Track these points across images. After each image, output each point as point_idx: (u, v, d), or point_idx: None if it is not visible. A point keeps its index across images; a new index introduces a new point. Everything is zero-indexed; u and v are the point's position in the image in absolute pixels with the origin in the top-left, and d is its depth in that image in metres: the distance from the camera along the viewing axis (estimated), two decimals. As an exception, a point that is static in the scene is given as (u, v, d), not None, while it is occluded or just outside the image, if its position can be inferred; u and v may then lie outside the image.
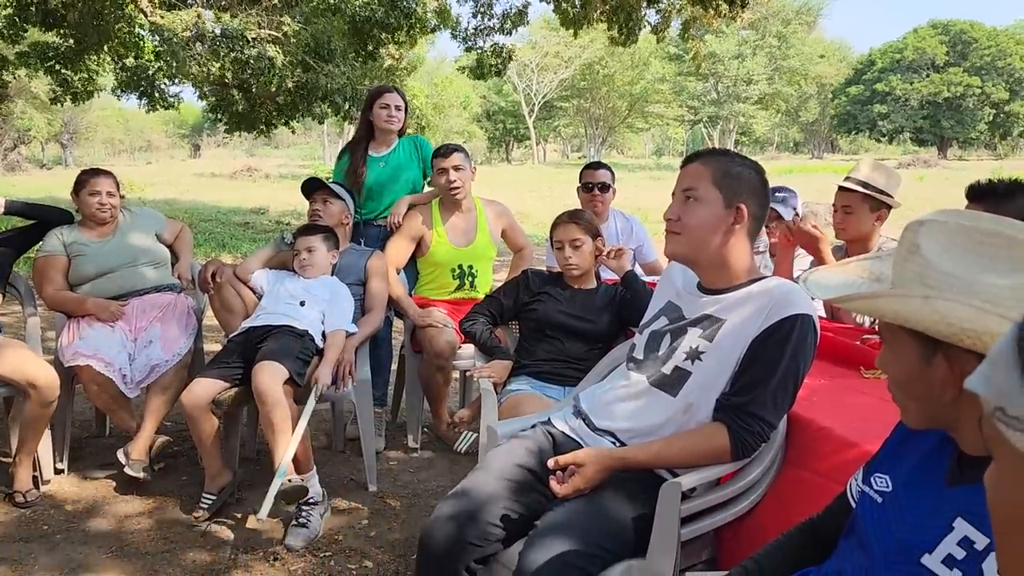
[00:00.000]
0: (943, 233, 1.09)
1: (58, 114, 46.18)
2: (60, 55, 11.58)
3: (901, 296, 1.07)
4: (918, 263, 1.09)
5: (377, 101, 4.05)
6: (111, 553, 2.83)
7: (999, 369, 0.64)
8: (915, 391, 1.12)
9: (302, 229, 3.53)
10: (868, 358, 2.41)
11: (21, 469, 3.23)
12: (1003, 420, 0.63)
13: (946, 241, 1.09)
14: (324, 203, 3.65)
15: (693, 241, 1.95)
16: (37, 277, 3.54)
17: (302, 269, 3.43)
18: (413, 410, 3.90)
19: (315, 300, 3.34)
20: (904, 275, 1.11)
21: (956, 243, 1.08)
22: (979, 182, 2.44)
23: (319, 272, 3.44)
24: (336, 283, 3.47)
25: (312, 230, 3.50)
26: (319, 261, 3.43)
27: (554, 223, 3.18)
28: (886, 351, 1.18)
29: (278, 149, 71.31)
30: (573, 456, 1.93)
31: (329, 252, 3.47)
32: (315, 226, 3.54)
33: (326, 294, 3.39)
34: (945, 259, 1.07)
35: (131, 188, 19.42)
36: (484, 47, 11.85)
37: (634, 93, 51.28)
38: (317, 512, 3.00)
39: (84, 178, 3.61)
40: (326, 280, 3.46)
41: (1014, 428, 0.63)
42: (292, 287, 3.40)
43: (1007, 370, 0.63)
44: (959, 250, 1.07)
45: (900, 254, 1.13)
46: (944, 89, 51.46)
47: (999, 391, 0.63)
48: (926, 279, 1.07)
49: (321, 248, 3.44)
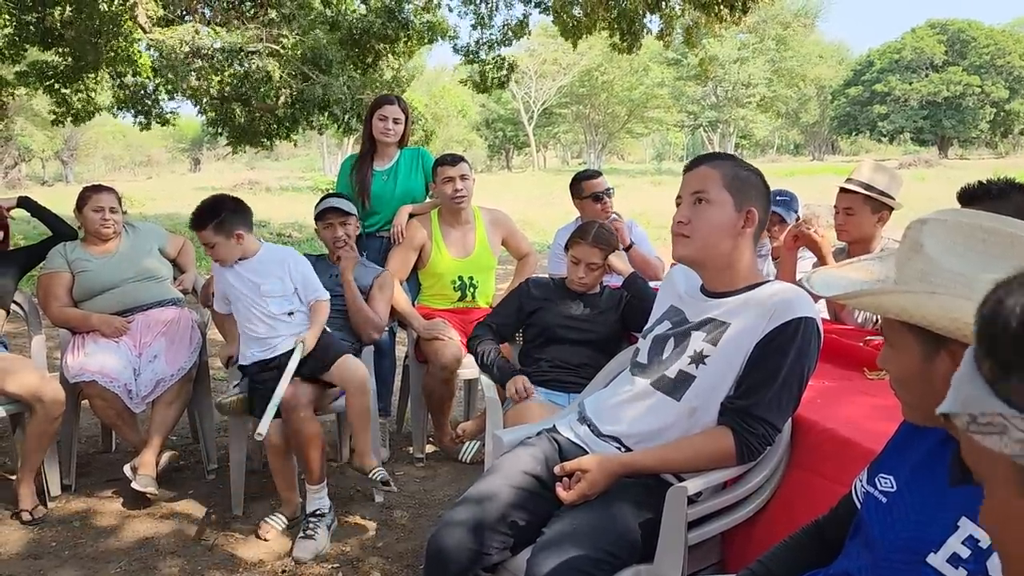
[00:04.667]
0: (945, 231, 1.10)
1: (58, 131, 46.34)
2: (59, 74, 11.64)
3: (906, 292, 1.08)
4: (921, 261, 1.10)
5: (376, 113, 4.06)
6: (120, 569, 2.83)
7: (963, 384, 0.67)
8: (917, 388, 1.13)
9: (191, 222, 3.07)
10: (872, 359, 2.41)
11: (24, 487, 3.23)
12: (977, 431, 0.65)
13: (948, 239, 1.09)
14: (343, 225, 3.60)
15: (704, 244, 1.96)
16: (42, 294, 3.55)
17: (219, 264, 3.13)
18: (418, 420, 3.90)
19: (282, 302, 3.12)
20: (907, 273, 1.12)
21: (958, 241, 1.09)
22: (971, 185, 2.45)
23: (233, 259, 3.07)
24: (281, 260, 3.14)
25: (196, 223, 3.03)
26: (225, 254, 3.05)
27: (575, 238, 3.12)
28: (888, 349, 1.18)
29: (278, 162, 71.38)
30: (579, 462, 1.93)
31: (230, 238, 3.02)
32: (198, 216, 3.04)
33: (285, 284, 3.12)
34: (948, 257, 1.08)
35: (132, 203, 19.44)
36: (486, 59, 11.86)
37: (633, 99, 51.27)
38: (324, 524, 3.01)
39: (87, 194, 3.62)
40: (269, 266, 3.11)
41: (988, 433, 0.64)
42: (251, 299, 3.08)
43: (971, 382, 0.66)
44: (961, 248, 1.08)
45: (903, 252, 1.14)
46: (944, 88, 51.46)
47: (966, 401, 0.66)
48: (929, 276, 1.08)
49: (218, 239, 3.02)
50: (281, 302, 3.11)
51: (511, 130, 58.99)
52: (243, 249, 3.07)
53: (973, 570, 1.06)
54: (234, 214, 3.05)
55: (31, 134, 43.81)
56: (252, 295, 3.08)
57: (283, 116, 10.77)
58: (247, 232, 3.08)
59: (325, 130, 12.86)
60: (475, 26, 11.79)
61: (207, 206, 3.05)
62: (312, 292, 3.17)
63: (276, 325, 3.10)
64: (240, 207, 3.11)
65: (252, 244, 3.11)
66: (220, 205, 3.06)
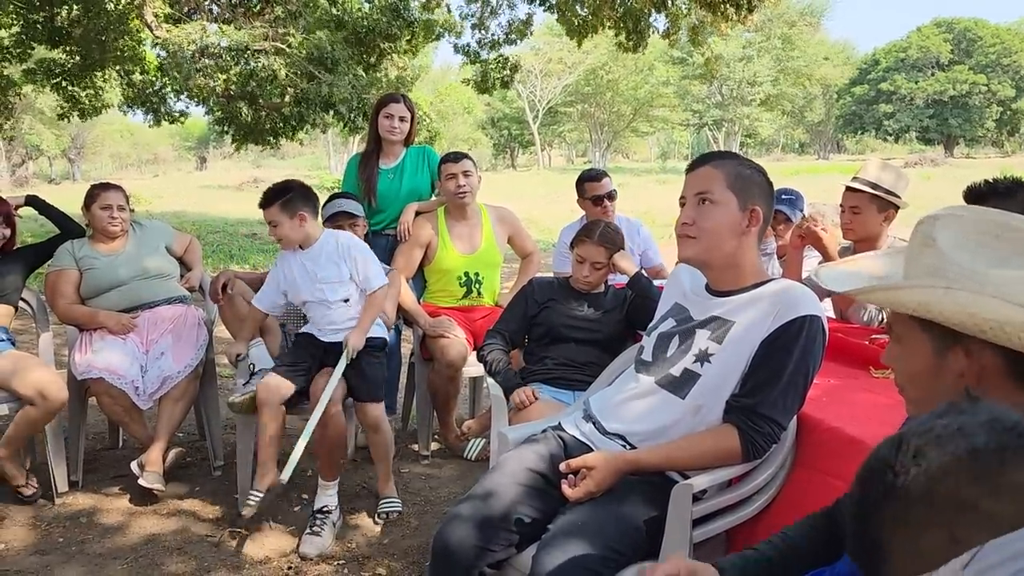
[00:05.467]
0: (958, 226, 1.09)
1: (66, 129, 46.48)
2: (66, 72, 11.67)
3: (924, 287, 1.07)
4: (933, 256, 1.10)
5: (382, 111, 4.07)
6: (126, 565, 2.84)
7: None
8: (926, 384, 1.12)
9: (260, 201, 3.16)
10: (877, 358, 2.41)
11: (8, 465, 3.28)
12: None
13: (961, 234, 1.09)
14: (351, 227, 3.61)
15: (709, 244, 1.96)
16: (49, 291, 3.57)
17: (280, 245, 3.22)
18: (423, 418, 3.91)
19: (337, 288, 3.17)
20: (918, 267, 1.11)
21: (971, 237, 1.08)
22: (977, 183, 2.44)
23: (296, 241, 3.16)
24: (342, 248, 3.18)
25: (265, 202, 3.13)
26: (287, 233, 3.12)
27: (581, 237, 3.12)
28: (895, 346, 1.18)
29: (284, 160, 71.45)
30: (584, 459, 1.94)
31: (294, 218, 3.10)
32: (267, 194, 3.14)
33: (342, 271, 3.15)
34: (959, 252, 1.07)
35: (139, 201, 19.50)
36: (489, 59, 11.83)
37: (638, 97, 51.20)
38: (330, 521, 3.02)
39: (95, 192, 3.64)
40: (328, 253, 3.17)
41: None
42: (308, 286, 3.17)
43: None
44: (973, 243, 1.07)
45: (914, 247, 1.13)
46: (950, 87, 51.27)
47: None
48: (942, 271, 1.08)
49: (283, 218, 3.10)
50: (336, 288, 3.17)
51: (516, 129, 58.95)
52: (305, 232, 3.15)
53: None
54: (301, 196, 3.15)
55: (39, 132, 43.94)
56: (310, 283, 3.16)
57: (289, 115, 10.79)
58: (311, 217, 3.17)
59: (330, 128, 12.88)
60: (476, 27, 11.76)
61: (277, 187, 3.18)
62: (367, 280, 3.21)
63: (330, 312, 3.18)
64: (307, 191, 3.21)
65: (314, 231, 3.19)
66: (288, 186, 3.19)
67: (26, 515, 3.21)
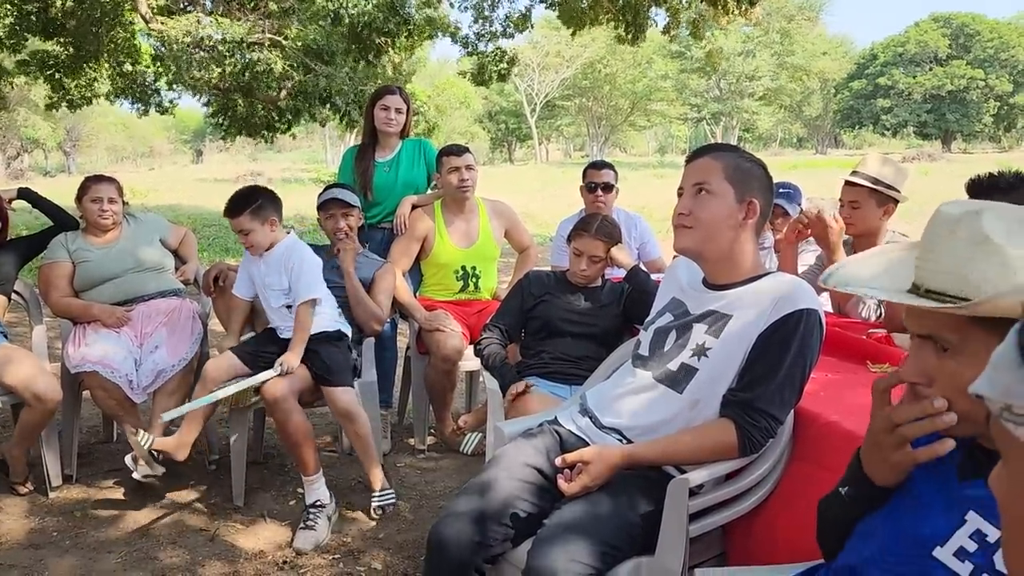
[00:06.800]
0: (1001, 218, 1.06)
1: (61, 122, 46.33)
2: (60, 63, 11.62)
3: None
4: (994, 251, 1.04)
5: (378, 103, 4.04)
6: (121, 558, 2.83)
7: (1003, 370, 0.65)
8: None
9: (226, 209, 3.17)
10: (875, 352, 2.40)
11: (16, 463, 3.29)
12: (1011, 419, 0.65)
13: (1007, 224, 1.06)
14: (345, 217, 3.56)
15: (705, 235, 1.95)
16: (42, 284, 3.54)
17: (251, 252, 3.22)
18: (419, 412, 3.90)
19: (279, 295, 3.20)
20: (987, 271, 1.04)
21: (1014, 228, 1.05)
22: (980, 177, 2.43)
23: (265, 245, 3.15)
24: (284, 256, 3.17)
25: (233, 210, 3.13)
26: (259, 240, 3.13)
27: (578, 230, 3.09)
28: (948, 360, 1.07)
29: (280, 153, 71.30)
30: (580, 454, 1.93)
31: (265, 224, 3.12)
32: (234, 202, 3.14)
33: (282, 280, 3.17)
34: (1015, 242, 1.04)
35: (134, 194, 19.42)
36: (486, 51, 11.78)
37: (636, 91, 51.20)
38: (325, 515, 3.01)
39: (87, 185, 3.62)
40: (275, 260, 3.17)
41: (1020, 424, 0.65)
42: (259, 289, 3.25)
43: (1011, 369, 0.64)
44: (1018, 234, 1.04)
45: (964, 249, 1.07)
46: (947, 82, 51.33)
47: (1005, 390, 0.65)
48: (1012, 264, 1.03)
49: (254, 226, 3.12)
50: (279, 295, 3.19)
51: (514, 122, 58.93)
52: (274, 237, 3.17)
53: (980, 564, 1.05)
54: (269, 201, 3.17)
55: (34, 124, 43.78)
56: (261, 286, 3.21)
57: (285, 108, 10.76)
58: (279, 221, 3.20)
59: (328, 122, 12.85)
60: (476, 19, 11.72)
61: (243, 194, 3.18)
62: (295, 291, 3.14)
63: (277, 317, 3.22)
64: (273, 196, 3.23)
65: (279, 235, 3.20)
66: (255, 192, 3.20)
67: (20, 508, 3.20)
